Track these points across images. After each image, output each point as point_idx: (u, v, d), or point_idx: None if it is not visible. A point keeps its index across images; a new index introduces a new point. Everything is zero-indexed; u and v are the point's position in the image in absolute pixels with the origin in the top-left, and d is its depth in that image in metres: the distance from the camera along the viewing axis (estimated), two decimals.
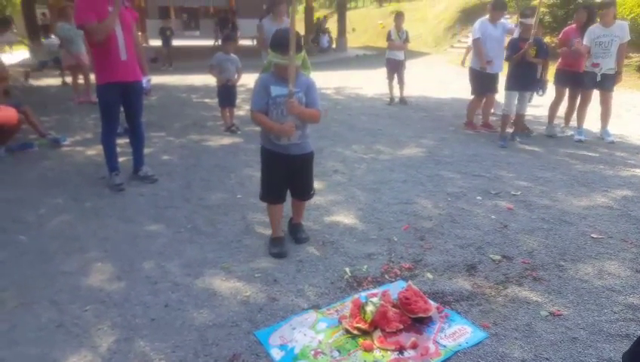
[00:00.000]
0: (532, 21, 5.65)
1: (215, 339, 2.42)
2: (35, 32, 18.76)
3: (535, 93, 6.62)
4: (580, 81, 6.20)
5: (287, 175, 3.29)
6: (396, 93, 9.22)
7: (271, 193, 3.34)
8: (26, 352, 2.35)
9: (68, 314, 2.64)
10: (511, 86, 5.92)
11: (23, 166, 5.27)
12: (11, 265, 3.17)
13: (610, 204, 4.13)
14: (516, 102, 5.95)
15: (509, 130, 6.31)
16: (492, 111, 7.94)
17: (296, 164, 3.25)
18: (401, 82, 9.07)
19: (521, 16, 5.95)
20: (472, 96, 7.03)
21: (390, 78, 9.09)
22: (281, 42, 2.92)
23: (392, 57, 8.86)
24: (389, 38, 8.78)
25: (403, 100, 9.17)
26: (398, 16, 8.74)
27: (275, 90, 3.04)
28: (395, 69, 8.94)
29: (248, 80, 8.98)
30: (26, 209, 4.07)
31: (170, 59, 15.45)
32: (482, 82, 6.64)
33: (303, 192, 3.41)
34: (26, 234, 3.60)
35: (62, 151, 5.89)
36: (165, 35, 15.28)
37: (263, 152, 3.31)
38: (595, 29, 5.95)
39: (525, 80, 5.90)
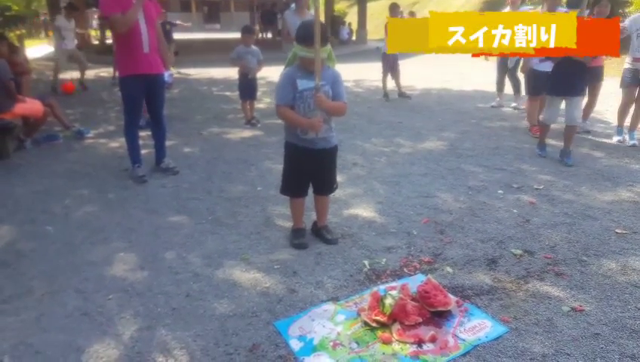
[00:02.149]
0: (586, 13, 4.81)
1: (235, 329, 2.46)
2: None
3: None
4: (597, 77, 5.88)
5: (311, 169, 3.26)
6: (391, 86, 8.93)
7: (294, 187, 3.33)
8: (54, 339, 2.42)
9: (93, 302, 2.71)
10: (552, 90, 4.99)
11: (49, 158, 5.40)
12: (39, 254, 3.27)
13: (635, 199, 4.04)
14: (558, 109, 5.07)
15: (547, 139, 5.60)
16: (514, 104, 7.84)
17: (321, 158, 3.22)
18: (396, 77, 8.78)
19: (567, 6, 5.15)
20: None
21: (385, 73, 8.75)
22: (307, 35, 2.88)
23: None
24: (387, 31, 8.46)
25: (402, 94, 8.86)
26: (394, 7, 8.26)
27: (302, 84, 2.99)
28: (391, 63, 8.62)
29: (268, 73, 9.03)
30: (52, 200, 4.18)
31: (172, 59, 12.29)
32: (538, 82, 5.88)
33: (326, 186, 3.36)
34: (53, 225, 3.69)
35: (86, 144, 6.02)
36: (165, 30, 14.51)
37: (287, 147, 3.26)
38: (638, 18, 5.45)
39: (570, 83, 4.81)
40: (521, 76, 6.87)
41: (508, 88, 7.82)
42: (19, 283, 2.91)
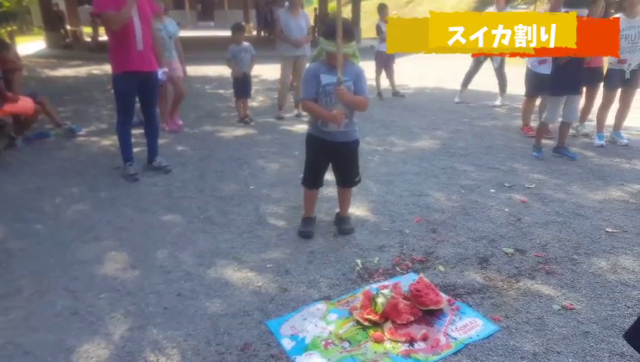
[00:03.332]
0: (585, 12, 4.56)
1: (227, 328, 2.45)
2: (51, 23, 18.92)
3: None
4: (597, 78, 5.74)
5: (331, 161, 3.38)
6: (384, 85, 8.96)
7: (313, 179, 3.44)
8: (43, 338, 2.40)
9: (83, 301, 2.69)
10: (559, 90, 4.94)
11: (40, 156, 5.36)
12: (29, 253, 3.24)
13: (625, 198, 4.07)
14: (561, 108, 5.04)
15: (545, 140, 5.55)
16: (497, 102, 7.89)
17: (341, 152, 3.31)
18: (390, 75, 8.85)
19: (565, 5, 4.90)
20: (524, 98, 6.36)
21: (379, 72, 8.80)
22: (334, 30, 2.95)
23: (382, 50, 8.49)
24: (379, 31, 8.44)
25: (396, 93, 8.92)
26: (383, 8, 8.45)
27: (325, 79, 3.10)
28: (385, 62, 8.68)
29: (262, 71, 9.02)
30: (43, 198, 4.15)
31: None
32: (536, 83, 5.85)
33: (348, 179, 3.45)
34: (43, 223, 3.67)
35: (77, 141, 5.97)
36: None
37: (308, 139, 3.38)
38: (622, 20, 5.28)
39: (574, 82, 4.89)
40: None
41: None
42: (8, 282, 2.88)
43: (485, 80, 8.47)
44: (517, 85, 9.44)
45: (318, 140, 3.30)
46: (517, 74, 11.07)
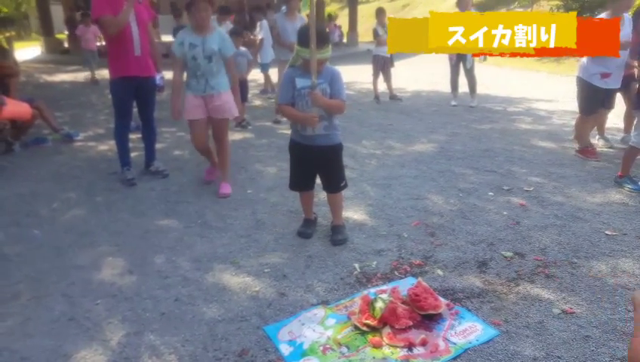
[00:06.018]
0: None
1: (224, 334, 2.43)
2: (49, 29, 18.91)
3: None
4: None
5: (313, 166, 3.36)
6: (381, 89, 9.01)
7: (297, 183, 3.46)
8: (39, 345, 2.38)
9: (80, 307, 2.67)
10: None
11: (37, 160, 5.34)
12: (25, 258, 3.22)
13: (624, 201, 4.06)
14: None
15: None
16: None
17: (322, 155, 3.30)
18: (387, 79, 8.89)
19: None
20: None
21: (376, 76, 8.84)
22: (305, 36, 2.97)
23: (380, 54, 8.59)
24: (376, 34, 8.50)
25: (393, 96, 8.93)
26: (380, 12, 8.54)
27: (300, 83, 3.11)
28: (382, 65, 8.72)
29: (258, 75, 9.00)
30: (39, 203, 4.13)
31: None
32: (596, 99, 5.09)
33: (333, 184, 3.41)
34: (40, 228, 3.65)
35: (75, 147, 5.96)
36: None
37: (291, 144, 3.40)
38: None
39: None
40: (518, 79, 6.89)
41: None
42: (4, 287, 2.86)
43: (482, 82, 8.47)
44: (515, 87, 9.48)
45: (299, 145, 3.32)
46: (519, 76, 11.14)
